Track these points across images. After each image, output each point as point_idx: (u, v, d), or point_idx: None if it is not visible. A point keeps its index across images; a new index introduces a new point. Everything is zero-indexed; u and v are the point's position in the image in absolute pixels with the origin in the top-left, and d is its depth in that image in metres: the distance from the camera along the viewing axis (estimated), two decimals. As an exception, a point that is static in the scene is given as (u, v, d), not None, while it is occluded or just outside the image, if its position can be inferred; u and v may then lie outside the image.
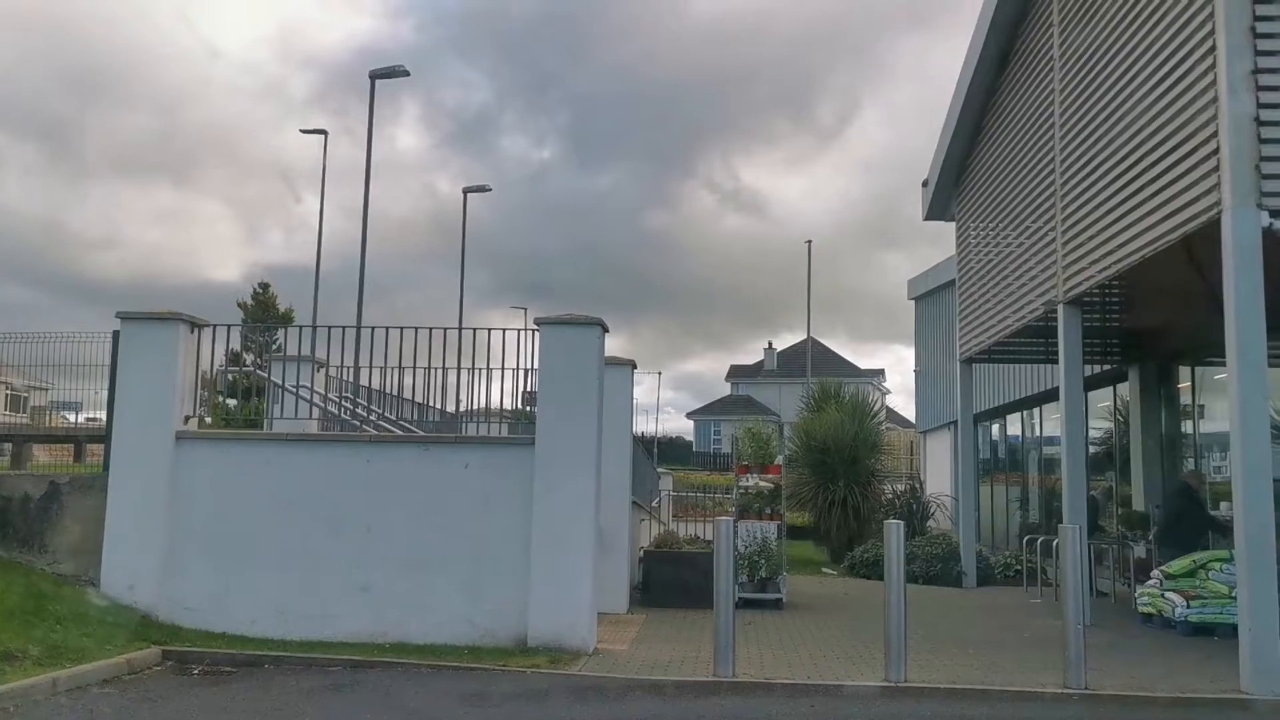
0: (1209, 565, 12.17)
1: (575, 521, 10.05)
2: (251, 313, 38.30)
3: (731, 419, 50.83)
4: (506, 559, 10.06)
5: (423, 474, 10.42)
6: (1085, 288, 12.48)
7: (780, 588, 14.08)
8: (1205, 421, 16.21)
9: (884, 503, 22.56)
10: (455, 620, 9.99)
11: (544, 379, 10.36)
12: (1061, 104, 13.23)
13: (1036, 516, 22.12)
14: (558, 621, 9.89)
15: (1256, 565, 8.59)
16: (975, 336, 17.52)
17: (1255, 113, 8.82)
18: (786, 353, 71.62)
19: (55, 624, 9.12)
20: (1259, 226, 8.74)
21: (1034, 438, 23.56)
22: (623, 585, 13.14)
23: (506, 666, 9.06)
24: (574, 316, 10.48)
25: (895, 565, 8.87)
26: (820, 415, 23.59)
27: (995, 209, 16.34)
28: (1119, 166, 11.30)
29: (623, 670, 9.13)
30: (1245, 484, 8.67)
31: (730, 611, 8.93)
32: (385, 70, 25.42)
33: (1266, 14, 8.91)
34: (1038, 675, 9.05)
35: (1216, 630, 11.45)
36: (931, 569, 17.81)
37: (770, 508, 14.76)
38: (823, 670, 9.37)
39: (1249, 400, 8.73)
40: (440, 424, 12.46)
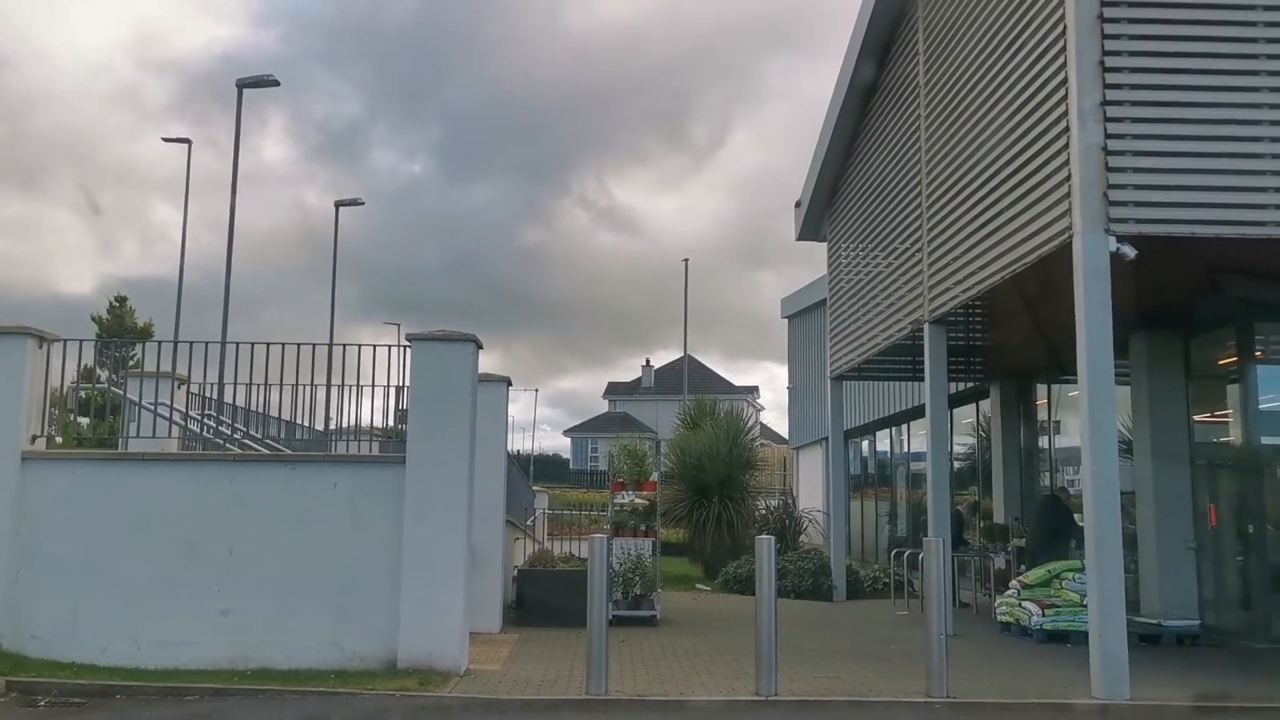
0: (1063, 575, 12.68)
1: (447, 541, 9.90)
2: (107, 327, 36.79)
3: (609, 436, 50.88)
4: (376, 580, 9.84)
5: (289, 494, 10.13)
6: (949, 307, 12.90)
7: (654, 604, 14.12)
8: (1061, 437, 16.92)
9: (758, 518, 22.83)
10: (321, 644, 9.72)
11: (415, 396, 10.19)
12: (927, 130, 13.67)
13: (904, 530, 22.73)
14: (428, 642, 9.71)
15: (1105, 574, 8.96)
16: (846, 354, 17.93)
17: (1103, 142, 9.26)
18: (664, 370, 72.09)
19: (-115, 657, 8.57)
20: (1107, 250, 9.15)
21: (902, 453, 24.24)
22: (496, 604, 13.00)
23: (375, 690, 8.84)
24: (447, 333, 10.35)
25: (766, 580, 8.98)
26: (696, 432, 23.81)
27: (865, 230, 16.77)
28: (980, 191, 11.73)
29: (494, 690, 9.02)
30: (1095, 496, 9.05)
31: (603, 629, 8.91)
32: (254, 79, 24.76)
33: (1114, 49, 9.37)
34: (903, 685, 9.27)
35: (1070, 637, 11.91)
36: (803, 583, 18.09)
37: (645, 524, 14.80)
38: (695, 686, 9.41)
39: (1098, 416, 9.12)
40: (309, 442, 12.16)
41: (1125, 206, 9.25)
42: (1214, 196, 9.37)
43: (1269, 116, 9.41)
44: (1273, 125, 9.40)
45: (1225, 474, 13.29)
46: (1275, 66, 9.44)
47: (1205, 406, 13.61)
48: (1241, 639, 12.35)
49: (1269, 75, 9.44)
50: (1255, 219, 9.36)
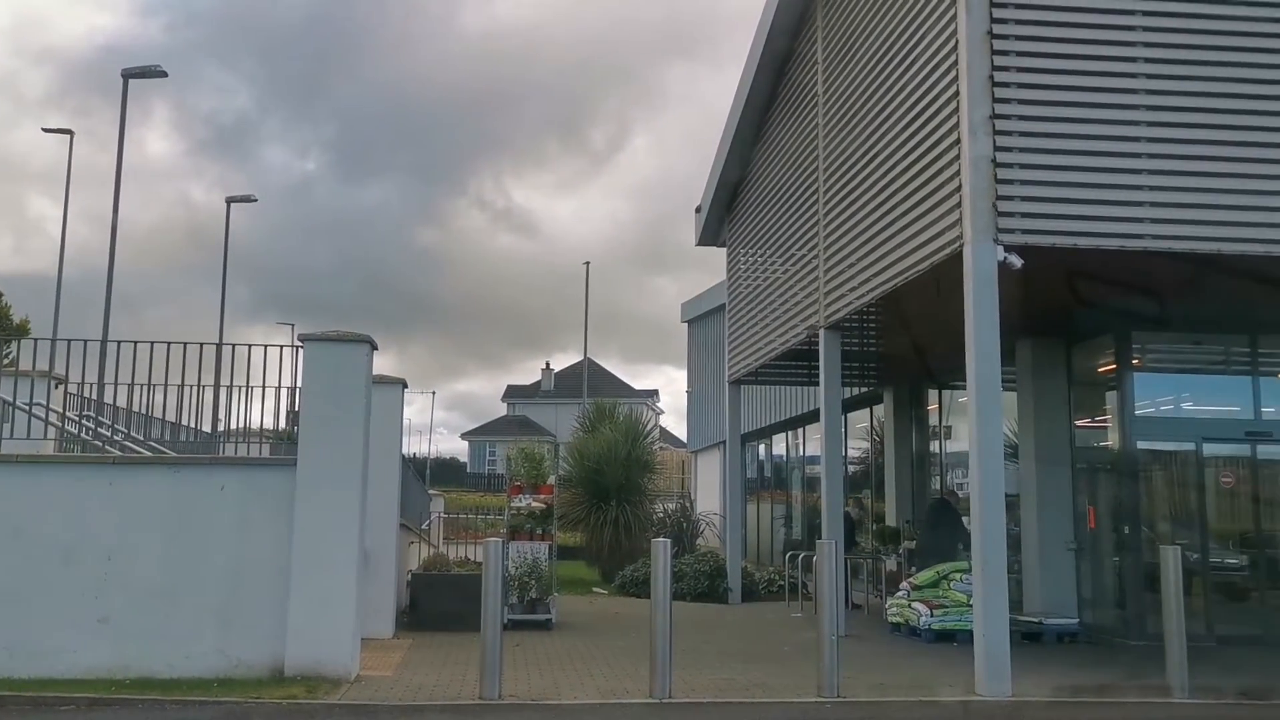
0: (951, 576, 13.01)
1: (338, 544, 9.70)
2: (-18, 323, 35.13)
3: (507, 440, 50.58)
4: (264, 585, 9.58)
5: (173, 497, 9.80)
6: (844, 313, 13.12)
7: (550, 608, 14.05)
8: (951, 441, 17.35)
9: (655, 521, 22.91)
10: (206, 651, 9.43)
11: (308, 397, 9.96)
12: (825, 139, 13.89)
13: (799, 533, 23.04)
14: (318, 649, 9.49)
15: (990, 575, 9.21)
16: (744, 359, 18.11)
17: (992, 154, 9.52)
18: (564, 373, 71.94)
19: None
20: (995, 260, 9.42)
21: (798, 457, 24.58)
22: (389, 609, 12.79)
23: (260, 698, 8.60)
24: (340, 333, 10.14)
25: (662, 583, 9.00)
26: (594, 435, 23.78)
27: (764, 236, 16.97)
28: (875, 200, 11.96)
29: (385, 696, 8.86)
30: (981, 499, 9.30)
31: (498, 633, 8.83)
32: (140, 70, 23.93)
33: (1002, 64, 9.65)
34: (796, 685, 9.39)
35: (956, 636, 12.21)
36: (699, 586, 18.21)
37: (542, 528, 14.74)
38: (590, 689, 9.38)
39: (985, 421, 9.37)
40: (196, 444, 11.82)
41: (1013, 217, 9.52)
42: (1095, 209, 9.70)
43: (1146, 134, 9.80)
44: (1150, 142, 9.79)
45: (1104, 477, 13.79)
46: (1153, 85, 9.83)
47: (1086, 412, 14.10)
48: (1118, 636, 12.82)
49: (1147, 94, 9.83)
50: (1133, 232, 9.73)
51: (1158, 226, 9.73)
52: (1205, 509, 13.32)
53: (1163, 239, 9.74)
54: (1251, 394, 13.33)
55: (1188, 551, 12.00)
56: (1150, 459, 13.45)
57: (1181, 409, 13.85)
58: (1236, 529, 13.79)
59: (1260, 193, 9.76)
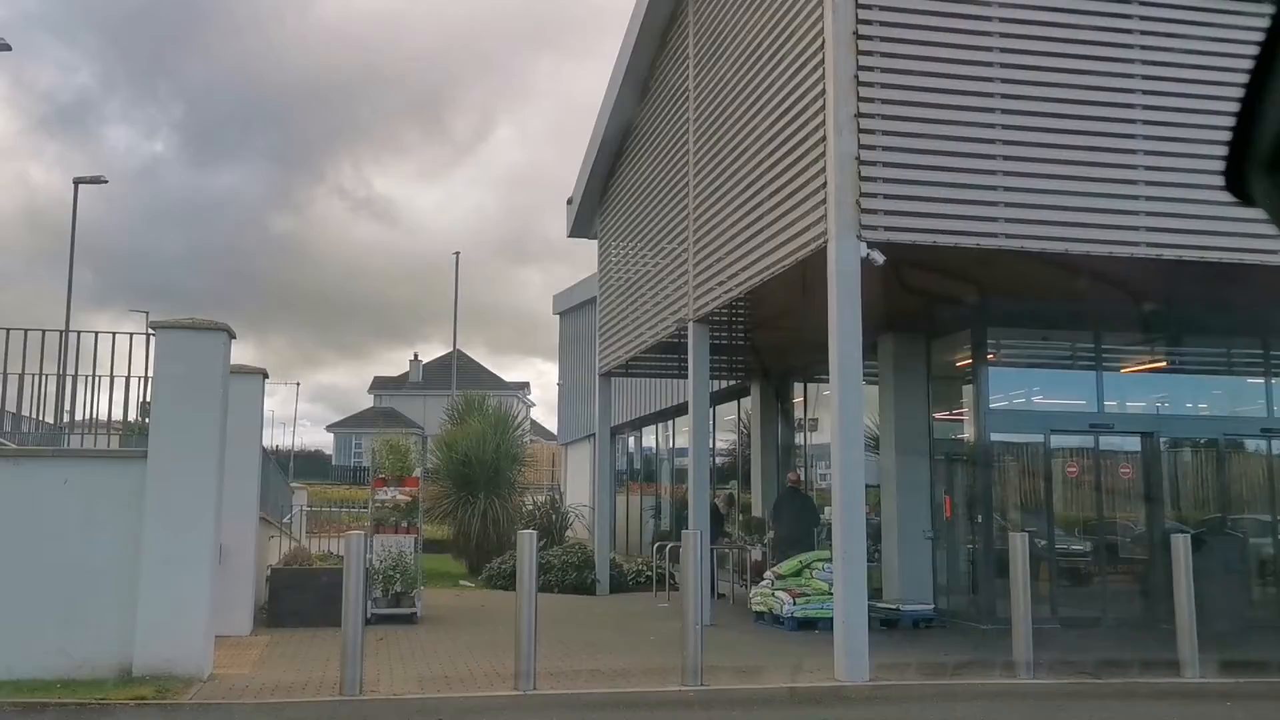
0: (813, 565, 13.27)
1: (191, 539, 9.35)
2: None
3: (373, 432, 49.62)
4: (111, 582, 9.17)
5: (12, 492, 9.31)
6: (713, 307, 13.26)
7: (415, 602, 13.84)
8: (816, 434, 17.71)
9: (525, 514, 22.79)
10: (46, 652, 8.95)
11: (160, 387, 9.57)
12: (696, 134, 13.99)
13: (668, 524, 23.23)
14: (169, 647, 9.13)
15: (850, 563, 9.43)
16: (614, 351, 18.15)
17: (857, 152, 9.73)
18: (433, 365, 70.89)
19: None
20: (858, 255, 9.63)
21: (667, 449, 24.76)
22: (247, 605, 12.40)
23: (105, 699, 8.23)
24: (195, 321, 9.77)
25: (527, 575, 8.96)
26: (463, 427, 23.52)
27: (635, 229, 17.02)
28: (744, 195, 12.10)
29: (240, 695, 8.58)
30: (843, 490, 9.51)
31: (359, 629, 8.64)
32: (-16, 40, 22.67)
33: (867, 64, 9.86)
34: (660, 676, 9.43)
35: (818, 624, 12.47)
36: (567, 577, 18.18)
37: (407, 521, 14.50)
38: (454, 684, 9.27)
39: (847, 412, 9.59)
40: (39, 436, 11.25)
41: (876, 215, 9.75)
42: (954, 209, 10.01)
43: (1001, 136, 10.15)
44: (1005, 145, 10.15)
45: (960, 468, 14.28)
46: (1007, 90, 10.19)
47: (944, 405, 14.57)
48: (970, 621, 13.30)
49: (1002, 98, 10.18)
50: (989, 230, 10.08)
51: (1011, 226, 10.09)
52: (1052, 498, 13.92)
53: (1016, 238, 10.12)
54: (1095, 388, 13.97)
55: (1035, 538, 12.52)
56: (1003, 450, 13.97)
57: (1032, 402, 14.45)
58: (1080, 517, 14.47)
59: (1106, 195, 10.21)
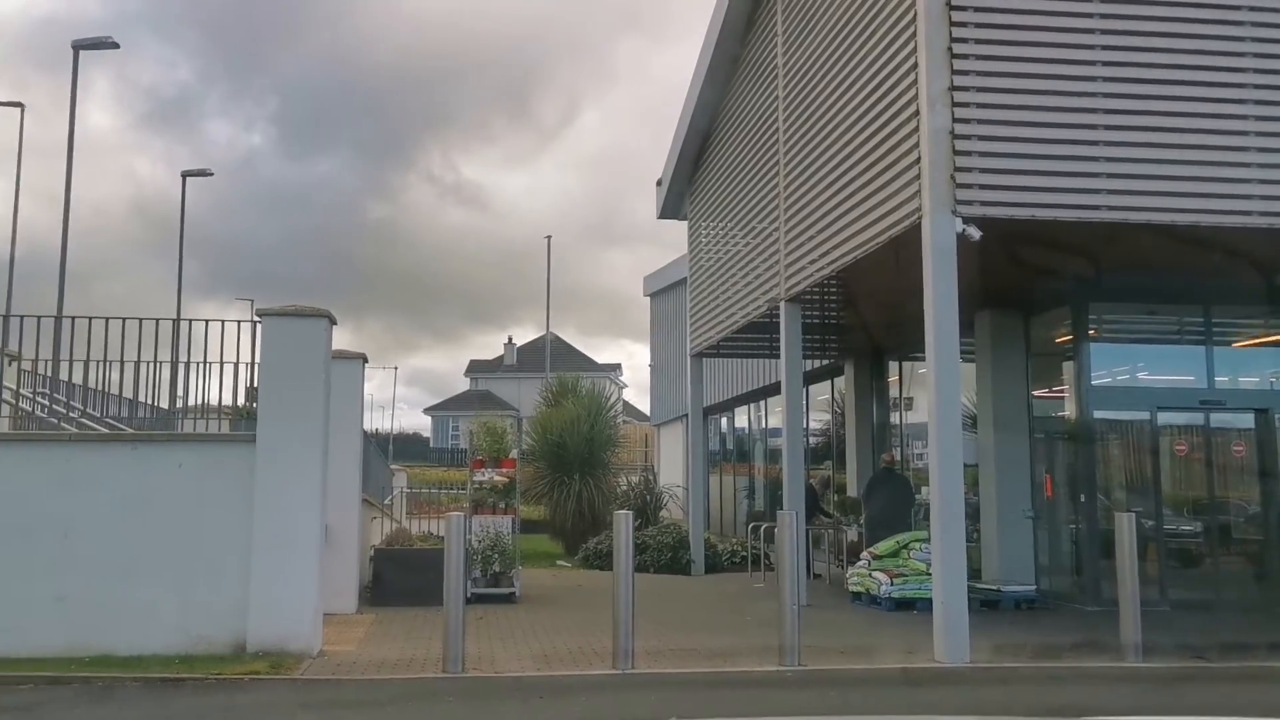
0: (910, 545, 13.15)
1: (299, 520, 9.65)
2: (-68, 300, 34.40)
3: (469, 414, 50.42)
4: (225, 562, 9.52)
5: (131, 475, 9.70)
6: (805, 286, 13.17)
7: (514, 582, 14.06)
8: (911, 413, 17.49)
9: (619, 495, 22.97)
10: (166, 628, 9.35)
11: (266, 373, 9.87)
12: (785, 110, 13.88)
13: (762, 504, 23.19)
14: (280, 625, 9.45)
15: (948, 543, 9.32)
16: (705, 332, 18.14)
17: (951, 126, 9.56)
18: (526, 348, 71.70)
19: None
20: (954, 231, 9.47)
21: (760, 429, 24.69)
22: (352, 585, 12.76)
23: (222, 674, 8.56)
24: (299, 308, 10.05)
25: (624, 555, 9.04)
26: (557, 409, 23.77)
27: (725, 209, 16.97)
28: (835, 172, 11.98)
29: (348, 671, 8.85)
30: (941, 469, 9.39)
31: (460, 608, 8.83)
32: (91, 41, 23.44)
33: (960, 36, 9.67)
34: (758, 656, 9.46)
35: (916, 604, 12.35)
36: (662, 558, 18.30)
37: (505, 502, 14.72)
38: (553, 663, 9.42)
39: (944, 391, 9.46)
40: (154, 421, 11.69)
41: (971, 189, 9.58)
42: (1053, 181, 9.77)
43: (1103, 105, 9.87)
44: (1107, 114, 9.87)
45: (1061, 446, 13.98)
46: (1110, 56, 9.91)
47: (1044, 382, 14.26)
48: (1074, 602, 13.04)
49: (1104, 65, 9.90)
50: (1091, 203, 9.81)
51: (1114, 198, 9.82)
52: (1159, 476, 13.55)
53: (1119, 210, 9.84)
54: (1205, 363, 13.54)
55: (1142, 518, 12.19)
56: (1106, 428, 13.64)
57: (1137, 378, 14.06)
58: (1190, 496, 14.05)
59: (1215, 163, 9.88)
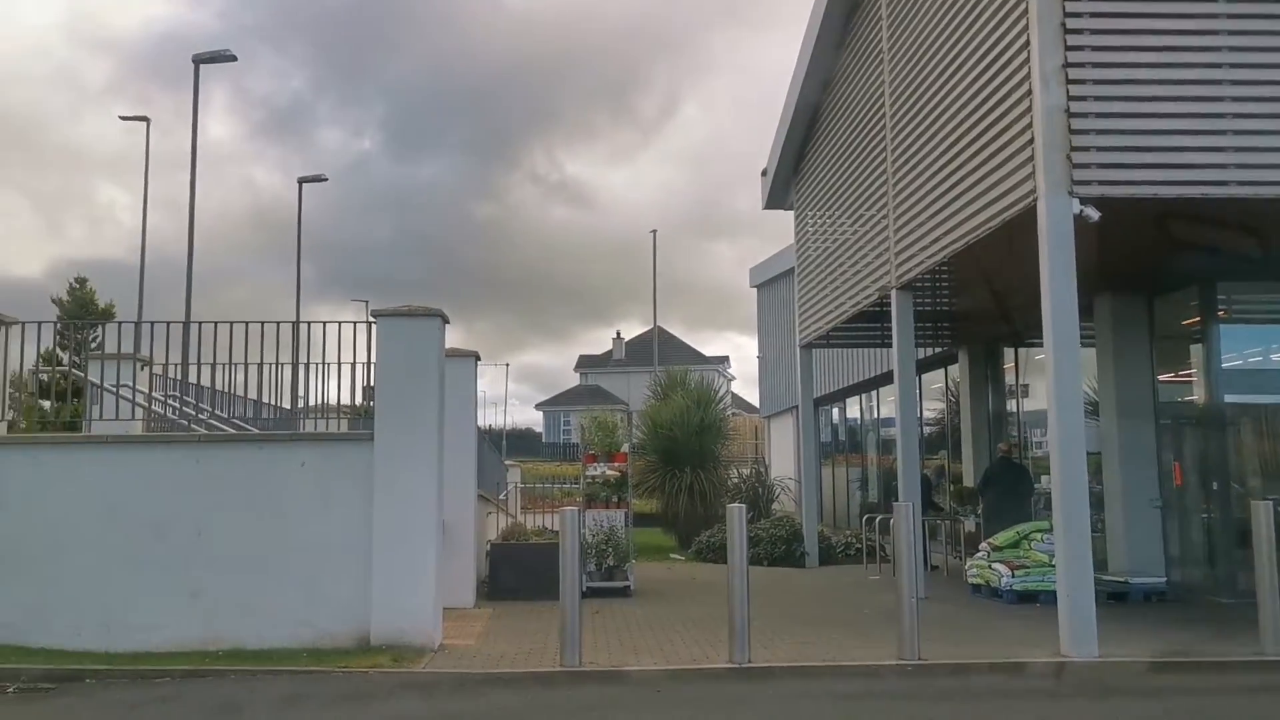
0: (1031, 536, 12.81)
1: (417, 517, 9.86)
2: (68, 309, 36.17)
3: (580, 409, 50.87)
4: (347, 557, 9.78)
5: (257, 473, 10.04)
6: (916, 273, 12.92)
7: (628, 575, 14.14)
8: (1028, 400, 17.04)
9: (730, 487, 22.92)
10: (293, 623, 9.66)
11: (382, 372, 10.11)
12: (891, 95, 13.64)
13: (875, 496, 22.88)
14: (401, 619, 9.68)
15: (1073, 534, 9.04)
16: (814, 322, 17.96)
17: (1066, 104, 9.25)
18: (634, 342, 72.07)
19: None
20: (1071, 213, 9.18)
21: (872, 419, 24.36)
22: (469, 579, 12.98)
23: (348, 668, 8.81)
24: (413, 308, 10.26)
25: (738, 548, 9.00)
26: (667, 403, 23.83)
27: (832, 197, 16.76)
28: (944, 156, 11.72)
29: (468, 665, 9.01)
30: (1062, 458, 9.11)
31: (576, 601, 8.90)
32: (210, 55, 24.34)
33: (1074, 10, 9.35)
34: (876, 649, 9.34)
35: (1039, 597, 12.03)
36: (776, 550, 18.20)
37: (617, 496, 14.81)
38: (669, 655, 9.44)
39: (1064, 378, 9.17)
40: (276, 421, 12.05)
41: (1088, 169, 9.26)
42: (1176, 157, 9.39)
43: (1229, 76, 9.44)
44: (1233, 85, 9.44)
45: (1190, 432, 13.43)
46: (1236, 26, 9.48)
47: (1170, 366, 13.73)
48: (1206, 594, 12.53)
49: (1229, 35, 9.47)
50: (1217, 179, 9.41)
51: (1243, 172, 9.39)
52: (1296, 462, 12.92)
53: (1248, 185, 9.40)
54: (1344, 343, 12.88)
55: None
56: (1238, 412, 13.04)
57: (1271, 360, 13.42)
58: (1331, 482, 13.37)
59: (1352, 133, 9.37)
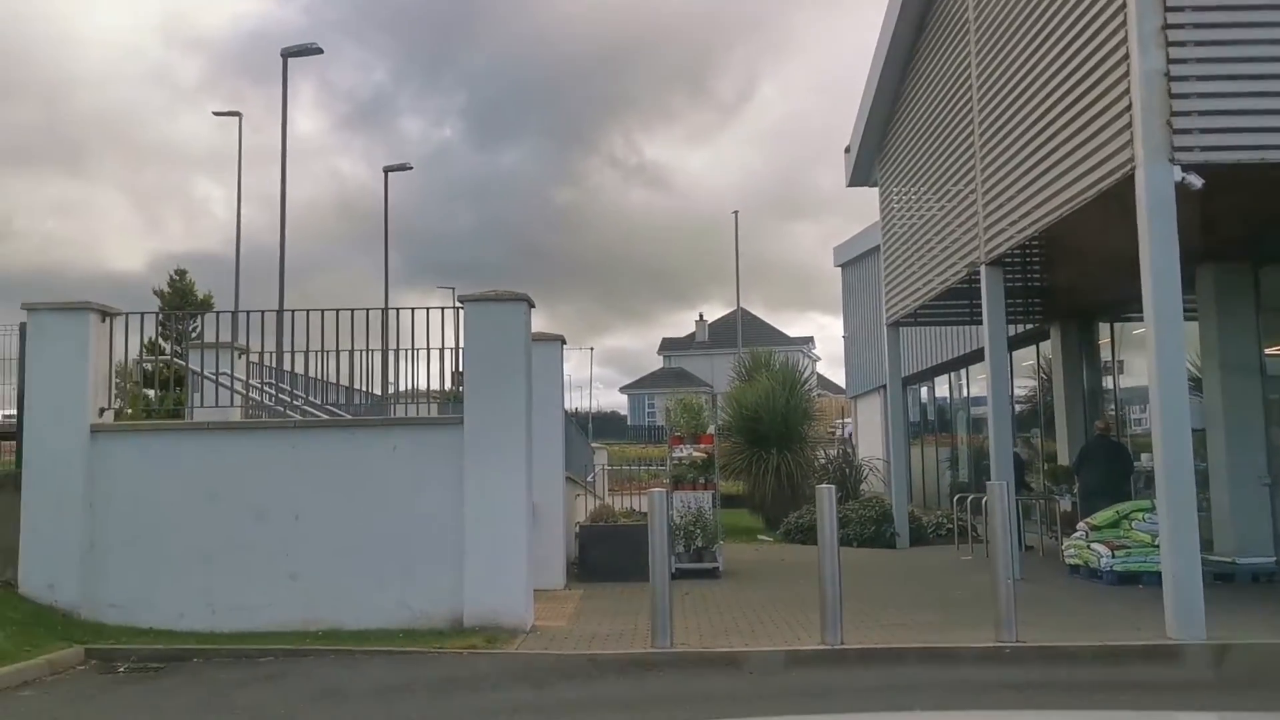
0: (1132, 515, 12.46)
1: (507, 499, 9.96)
2: (169, 300, 37.28)
3: (665, 392, 50.90)
4: (439, 540, 9.93)
5: (351, 458, 10.23)
6: (1006, 248, 12.63)
7: (716, 556, 14.12)
8: (1125, 376, 16.57)
9: (817, 468, 22.74)
10: (388, 604, 9.85)
11: (470, 357, 10.22)
12: (978, 65, 13.32)
13: (966, 475, 22.50)
14: (494, 600, 9.80)
15: (1178, 513, 8.77)
16: (901, 300, 17.68)
17: (1165, 69, 8.93)
18: (717, 324, 71.78)
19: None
20: (1172, 181, 8.86)
21: (962, 398, 23.94)
22: (559, 561, 13.08)
23: (442, 648, 8.95)
24: (499, 293, 10.34)
25: (828, 529, 8.91)
26: (752, 384, 23.70)
27: (917, 173, 16.46)
28: (1035, 126, 11.41)
29: (560, 646, 9.08)
30: (1165, 435, 8.84)
31: (666, 583, 8.91)
32: (298, 48, 24.82)
33: (1174, -29, 9.02)
34: (971, 632, 9.18)
35: (1142, 578, 11.71)
36: (865, 531, 18.00)
37: (704, 477, 14.78)
38: (760, 637, 9.40)
39: (1166, 353, 8.88)
40: (368, 407, 12.26)
41: (1190, 134, 8.93)
42: (1283, 120, 9.02)
43: (1341, 33, 9.02)
44: (1345, 43, 9.02)
45: (1299, 407, 12.93)
46: (1346, -19, 9.04)
47: (1277, 338, 13.22)
48: (1319, 575, 12.08)
49: (1340, -10, 9.05)
50: (1328, 141, 9.00)
51: (1356, 133, 8.98)
52: None
53: (1362, 147, 8.99)
54: None
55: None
56: (1351, 386, 12.53)
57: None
58: None
59: None
